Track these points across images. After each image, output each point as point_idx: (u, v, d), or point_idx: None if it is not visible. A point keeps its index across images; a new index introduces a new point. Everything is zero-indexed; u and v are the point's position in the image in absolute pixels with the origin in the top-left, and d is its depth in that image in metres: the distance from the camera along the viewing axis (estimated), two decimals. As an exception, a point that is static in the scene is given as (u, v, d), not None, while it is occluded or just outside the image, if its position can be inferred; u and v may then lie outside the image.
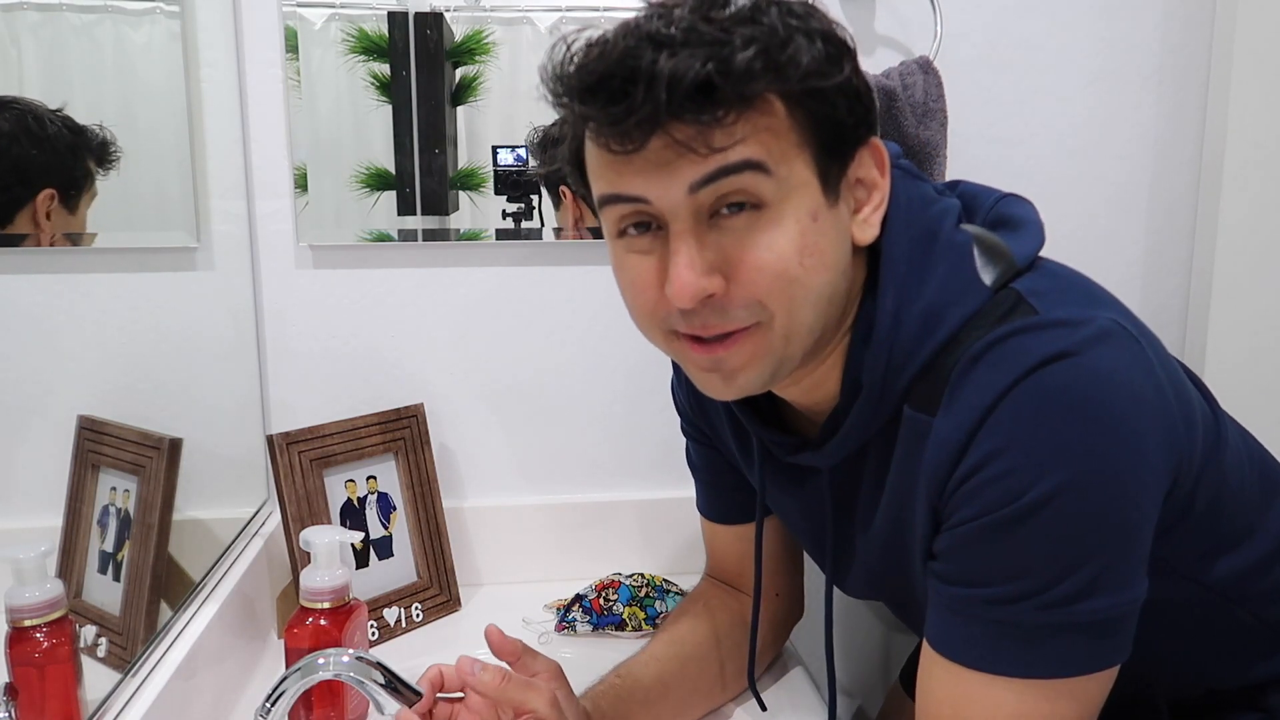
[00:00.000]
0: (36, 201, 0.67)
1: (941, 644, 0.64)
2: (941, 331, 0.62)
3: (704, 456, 0.91)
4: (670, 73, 0.54)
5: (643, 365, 1.19)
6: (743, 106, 0.56)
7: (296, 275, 1.13)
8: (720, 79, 0.54)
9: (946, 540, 0.62)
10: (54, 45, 0.72)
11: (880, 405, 0.65)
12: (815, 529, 0.79)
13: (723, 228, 0.59)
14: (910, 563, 0.69)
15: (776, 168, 0.58)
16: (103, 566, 0.76)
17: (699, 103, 0.55)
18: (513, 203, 1.13)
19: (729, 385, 0.64)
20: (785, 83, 0.57)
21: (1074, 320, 0.59)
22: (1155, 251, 1.25)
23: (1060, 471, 0.56)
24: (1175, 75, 1.21)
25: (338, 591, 0.84)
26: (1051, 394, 0.57)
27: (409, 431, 1.12)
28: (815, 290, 0.61)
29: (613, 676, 0.82)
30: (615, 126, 0.56)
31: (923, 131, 1.10)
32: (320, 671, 0.67)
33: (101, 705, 0.69)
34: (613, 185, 0.61)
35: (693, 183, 0.58)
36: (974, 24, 1.18)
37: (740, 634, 0.90)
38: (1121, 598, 0.59)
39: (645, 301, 0.63)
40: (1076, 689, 0.61)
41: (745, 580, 0.92)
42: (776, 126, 0.58)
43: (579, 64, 0.57)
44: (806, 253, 0.59)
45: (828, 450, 0.70)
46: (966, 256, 0.64)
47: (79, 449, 0.73)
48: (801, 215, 0.59)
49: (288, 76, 1.09)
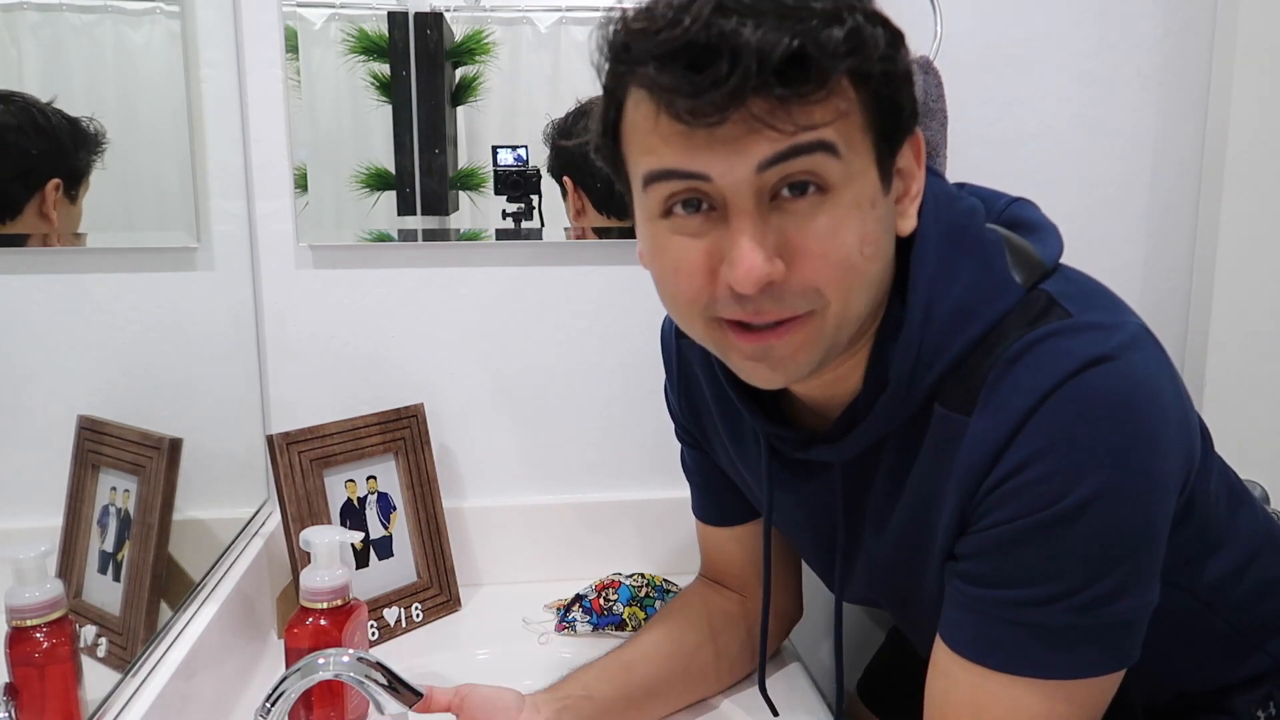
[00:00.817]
0: (45, 191, 0.68)
1: (962, 644, 0.63)
2: (973, 328, 0.62)
3: (696, 460, 0.91)
4: (759, 44, 0.51)
5: (643, 365, 1.19)
6: (820, 85, 0.53)
7: (296, 275, 1.13)
8: (814, 52, 0.52)
9: (976, 542, 0.62)
10: (54, 45, 0.72)
11: (906, 400, 0.64)
12: (823, 527, 0.78)
13: (785, 210, 0.56)
14: (925, 562, 0.68)
15: (846, 151, 0.56)
16: (103, 566, 0.76)
17: (787, 77, 0.52)
18: (513, 203, 1.13)
19: (775, 373, 0.61)
20: (863, 65, 0.54)
21: (1108, 324, 0.59)
22: (1156, 252, 1.25)
23: (1100, 475, 0.56)
24: (1175, 75, 1.21)
25: (338, 591, 0.84)
26: (1093, 398, 0.57)
27: (409, 431, 1.12)
28: (871, 278, 0.59)
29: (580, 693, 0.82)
30: (696, 99, 0.52)
31: (923, 131, 1.10)
32: (320, 671, 0.67)
33: (101, 705, 0.69)
34: (668, 161, 0.56)
35: (762, 160, 0.54)
36: (974, 24, 1.18)
37: (732, 629, 0.91)
38: (1144, 599, 0.60)
39: (690, 287, 0.59)
40: (1094, 689, 0.61)
41: (737, 580, 0.93)
42: (847, 109, 0.56)
43: (656, 28, 0.53)
44: (866, 241, 0.57)
45: (845, 444, 0.68)
46: (998, 255, 0.64)
47: (79, 449, 0.73)
48: (863, 202, 0.57)
49: (288, 76, 1.09)
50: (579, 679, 0.83)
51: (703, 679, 0.90)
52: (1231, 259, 1.20)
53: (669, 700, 0.88)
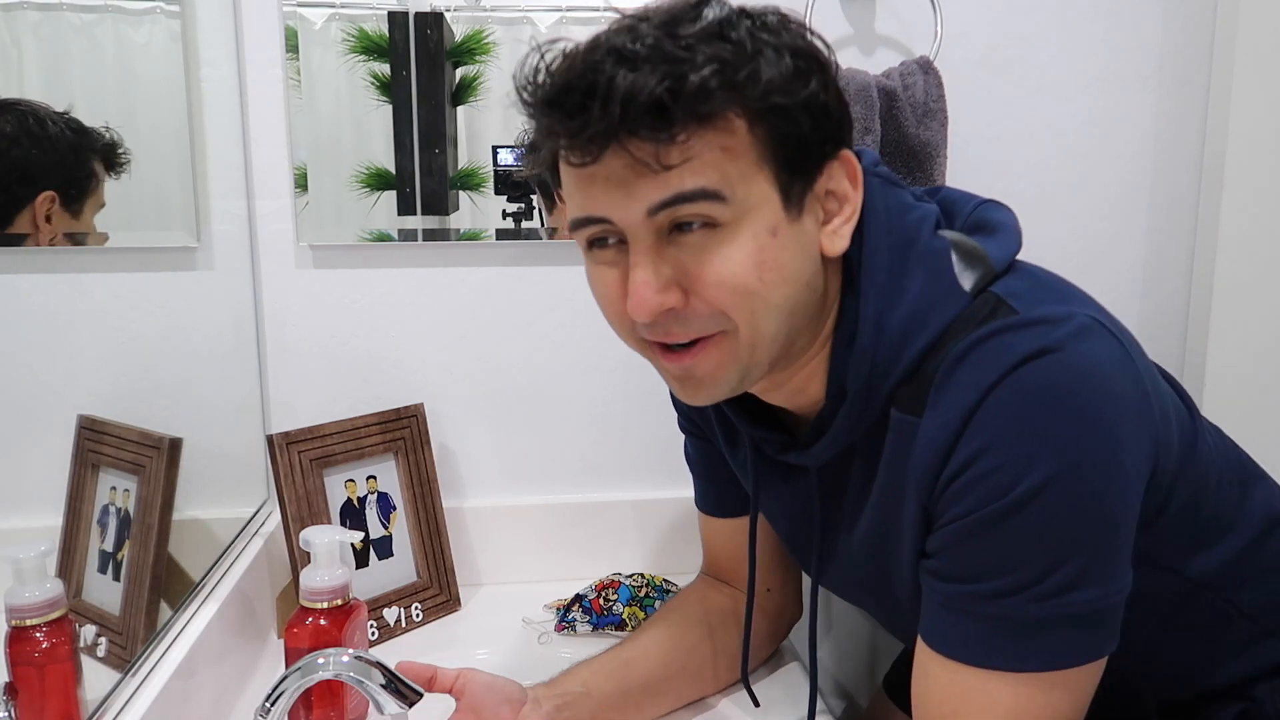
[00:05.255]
0: (35, 204, 0.67)
1: (937, 641, 0.64)
2: (923, 337, 0.63)
3: (699, 450, 0.92)
4: (626, 89, 0.55)
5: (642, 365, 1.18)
6: (698, 125, 0.57)
7: (296, 275, 1.13)
8: (672, 98, 0.55)
9: (939, 538, 0.63)
10: (54, 45, 0.72)
11: (866, 409, 0.67)
12: (801, 527, 0.80)
13: (680, 244, 0.61)
14: (895, 565, 0.69)
15: (733, 190, 0.59)
16: (103, 566, 0.76)
17: (653, 120, 0.56)
18: (513, 203, 1.13)
19: (700, 392, 0.66)
20: (744, 101, 0.58)
21: (1054, 318, 0.60)
22: (1156, 253, 1.25)
23: (1047, 465, 0.57)
24: (1176, 76, 1.21)
25: (338, 591, 0.84)
26: (1035, 389, 0.58)
27: (409, 431, 1.12)
28: (775, 303, 0.62)
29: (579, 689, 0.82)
30: (572, 139, 0.57)
31: (923, 132, 1.10)
32: (320, 671, 0.67)
33: (101, 705, 0.69)
34: (579, 209, 0.63)
35: (650, 205, 0.59)
36: (974, 24, 1.18)
37: (730, 627, 0.91)
38: (1110, 588, 0.60)
39: (615, 312, 0.65)
40: (1070, 680, 0.62)
41: (737, 576, 0.93)
42: (735, 145, 0.59)
43: (546, 75, 0.58)
44: (765, 267, 0.61)
45: (815, 451, 0.71)
46: (945, 262, 0.65)
47: (79, 449, 0.73)
48: (760, 231, 0.60)
49: (288, 76, 1.09)
50: (578, 675, 0.83)
51: (701, 676, 0.90)
52: (1231, 259, 1.20)
53: (667, 698, 0.88)
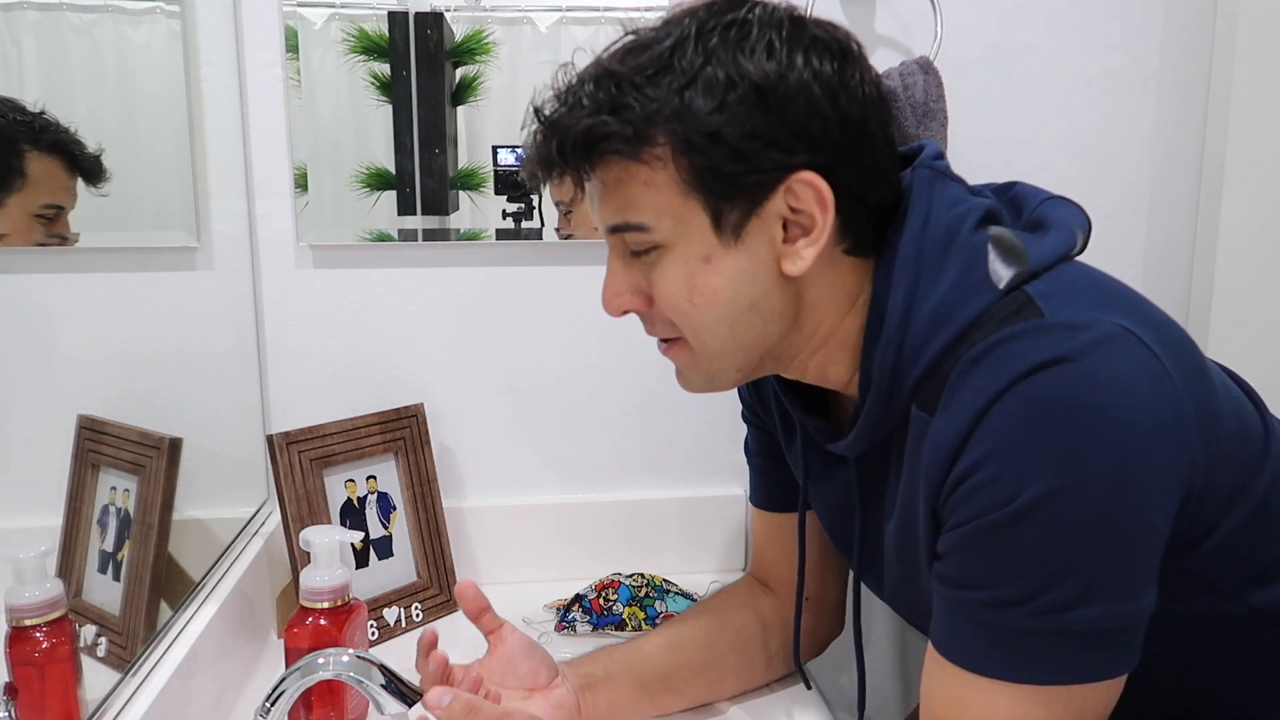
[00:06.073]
0: None
1: (941, 644, 0.64)
2: (947, 331, 0.62)
3: (759, 441, 0.92)
4: (563, 128, 0.63)
5: (643, 365, 1.19)
6: (619, 159, 0.63)
7: (296, 275, 1.13)
8: (558, 157, 0.64)
9: (946, 541, 0.62)
10: (54, 45, 0.72)
11: (890, 402, 0.66)
12: (843, 519, 0.79)
13: (640, 258, 0.68)
14: (917, 564, 0.69)
15: (658, 221, 0.64)
16: (103, 566, 0.76)
17: (577, 160, 0.64)
18: (513, 203, 1.13)
19: (685, 384, 0.73)
20: (668, 136, 0.62)
21: (1077, 324, 0.58)
22: (1156, 253, 1.25)
23: (1048, 478, 0.56)
24: (1176, 76, 1.21)
25: (338, 591, 0.84)
26: (1042, 400, 0.57)
27: (409, 431, 1.12)
28: (709, 324, 0.67)
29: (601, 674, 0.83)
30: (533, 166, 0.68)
31: (923, 132, 1.10)
32: (320, 671, 0.67)
33: (101, 705, 0.69)
34: None
35: (606, 227, 0.68)
36: (974, 24, 1.17)
37: (759, 636, 0.91)
38: (1120, 608, 0.58)
39: None
40: (1074, 697, 0.60)
41: (781, 578, 0.92)
42: (657, 179, 0.63)
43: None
44: (695, 293, 0.65)
45: (848, 441, 0.71)
46: (980, 257, 0.64)
47: (79, 449, 0.73)
48: (690, 257, 0.65)
49: (288, 76, 1.09)
50: (600, 660, 0.84)
51: (735, 675, 0.90)
52: (1232, 260, 1.20)
53: (698, 692, 0.88)
